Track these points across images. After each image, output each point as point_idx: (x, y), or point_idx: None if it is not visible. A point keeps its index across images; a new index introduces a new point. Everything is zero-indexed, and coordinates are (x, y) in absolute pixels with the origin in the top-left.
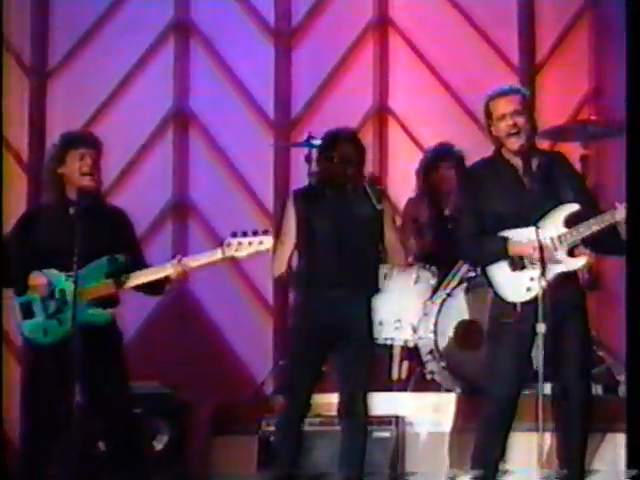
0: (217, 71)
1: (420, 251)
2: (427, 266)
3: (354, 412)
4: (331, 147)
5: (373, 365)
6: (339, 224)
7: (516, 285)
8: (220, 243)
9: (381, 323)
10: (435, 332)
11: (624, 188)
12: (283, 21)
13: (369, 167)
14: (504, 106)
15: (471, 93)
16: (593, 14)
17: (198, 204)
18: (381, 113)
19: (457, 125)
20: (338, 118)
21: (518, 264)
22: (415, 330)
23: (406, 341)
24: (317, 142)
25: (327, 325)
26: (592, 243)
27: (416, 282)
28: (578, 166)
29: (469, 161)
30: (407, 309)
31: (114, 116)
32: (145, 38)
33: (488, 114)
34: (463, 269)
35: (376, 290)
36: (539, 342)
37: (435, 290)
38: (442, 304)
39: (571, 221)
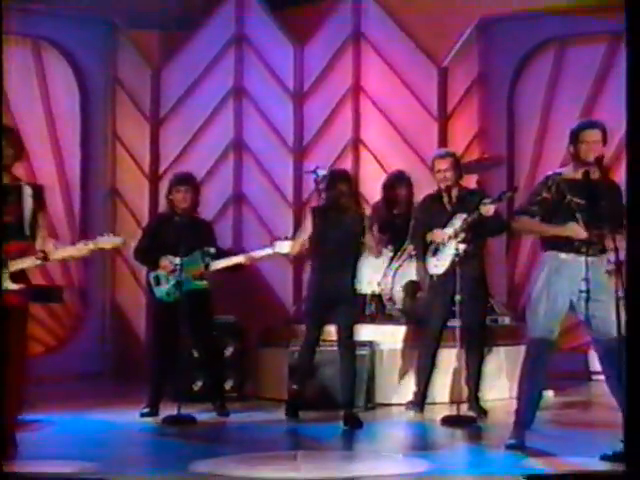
0: (259, 118)
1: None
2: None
3: (347, 343)
4: (333, 184)
5: (357, 315)
6: (336, 233)
7: (430, 263)
8: (271, 243)
9: (359, 281)
10: (392, 287)
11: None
12: (298, 86)
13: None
14: (438, 165)
15: (411, 132)
16: (481, 84)
17: (248, 197)
18: (356, 144)
19: (404, 154)
20: (331, 146)
21: (432, 250)
22: (379, 285)
23: (374, 292)
24: (321, 172)
25: (328, 294)
26: (482, 233)
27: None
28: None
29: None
30: (374, 273)
31: (199, 146)
32: (215, 98)
33: (432, 168)
34: (409, 249)
35: (356, 272)
36: (457, 302)
37: (391, 261)
38: (396, 270)
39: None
